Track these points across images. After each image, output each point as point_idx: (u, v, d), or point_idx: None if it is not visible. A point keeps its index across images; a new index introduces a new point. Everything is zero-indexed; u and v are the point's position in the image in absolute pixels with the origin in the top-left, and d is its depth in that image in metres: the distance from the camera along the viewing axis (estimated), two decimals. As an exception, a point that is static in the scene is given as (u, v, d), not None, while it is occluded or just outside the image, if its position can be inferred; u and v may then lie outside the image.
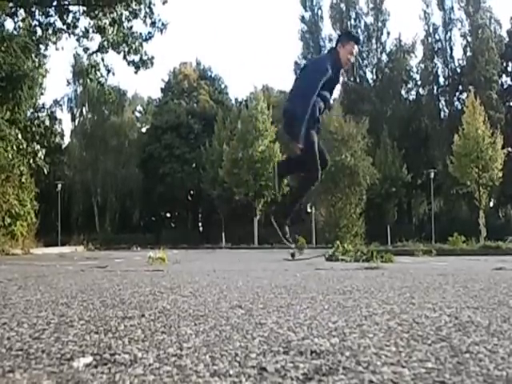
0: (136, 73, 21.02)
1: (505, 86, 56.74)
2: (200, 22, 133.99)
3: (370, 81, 60.12)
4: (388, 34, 59.74)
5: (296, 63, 59.61)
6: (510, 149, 42.32)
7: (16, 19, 20.66)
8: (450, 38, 57.71)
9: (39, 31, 20.57)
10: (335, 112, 45.26)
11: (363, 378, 1.42)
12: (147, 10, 20.53)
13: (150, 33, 20.77)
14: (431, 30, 57.76)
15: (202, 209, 66.34)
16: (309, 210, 47.94)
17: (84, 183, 60.68)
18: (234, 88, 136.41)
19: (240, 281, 4.53)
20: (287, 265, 8.88)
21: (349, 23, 59.20)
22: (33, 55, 20.28)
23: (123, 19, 20.32)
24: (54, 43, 20.84)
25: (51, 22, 20.71)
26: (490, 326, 2.18)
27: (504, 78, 57.16)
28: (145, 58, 20.80)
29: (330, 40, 59.96)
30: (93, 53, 21.14)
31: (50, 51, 21.86)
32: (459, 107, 52.40)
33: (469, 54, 55.49)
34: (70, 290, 3.77)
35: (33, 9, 20.69)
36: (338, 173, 42.95)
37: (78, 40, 20.85)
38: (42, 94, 23.39)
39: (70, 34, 20.78)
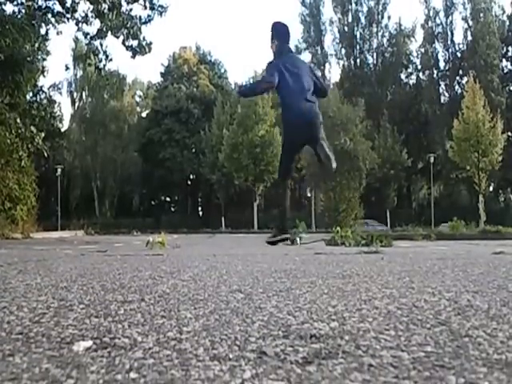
0: (133, 58, 20.92)
1: (505, 71, 56.55)
2: (200, 7, 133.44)
3: (371, 65, 59.92)
4: (389, 17, 59.56)
5: (296, 47, 59.33)
6: (509, 133, 42.31)
7: (16, 2, 20.56)
8: (451, 21, 57.50)
9: (38, 15, 20.44)
10: (332, 96, 45.12)
11: (363, 361, 1.43)
12: (147, -8, 20.42)
13: (149, 16, 20.66)
14: (432, 14, 57.51)
15: (201, 193, 66.45)
16: (308, 195, 48.04)
17: (83, 168, 60.76)
18: (234, 72, 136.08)
19: (240, 265, 4.53)
20: (287, 249, 8.89)
21: (350, 7, 58.89)
22: (32, 38, 20.18)
23: (122, 2, 20.21)
24: (54, 26, 20.74)
25: (50, 5, 20.61)
26: (489, 310, 2.19)
27: (504, 62, 56.97)
28: (143, 43, 20.69)
29: (331, 23, 59.72)
30: (92, 37, 21.03)
31: (50, 35, 21.75)
32: (459, 92, 52.29)
33: (469, 38, 55.25)
34: (69, 274, 3.78)
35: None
36: (337, 157, 42.90)
37: (77, 24, 20.73)
38: (44, 76, 23.36)
39: (68, 19, 20.66)
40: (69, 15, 20.50)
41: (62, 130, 54.97)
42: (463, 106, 41.40)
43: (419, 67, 60.04)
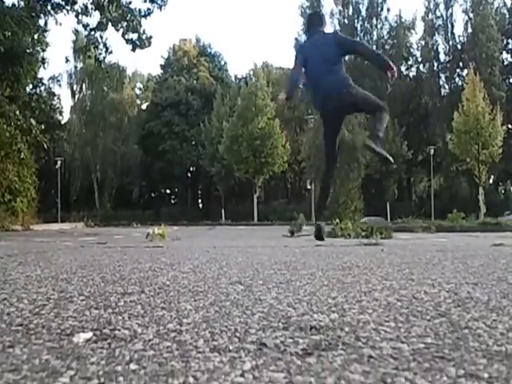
0: (133, 51, 20.87)
1: (505, 63, 56.38)
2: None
3: (371, 57, 59.63)
4: (388, 10, 59.28)
5: (296, 40, 59.12)
6: (509, 125, 42.20)
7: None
8: (452, 14, 57.24)
9: (38, 7, 20.37)
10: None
11: (362, 353, 1.43)
12: (147, -15, 20.35)
13: (149, 9, 20.59)
14: (432, 6, 57.30)
15: (201, 185, 66.38)
16: (308, 187, 48.01)
17: (83, 160, 60.65)
18: (234, 65, 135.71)
19: (240, 257, 4.53)
20: (287, 241, 8.90)
21: (350, -1, 58.66)
22: (31, 30, 20.12)
23: (122, -5, 20.14)
24: (53, 17, 20.65)
25: (50, -3, 20.53)
26: (489, 302, 2.19)
27: (505, 54, 56.80)
28: (143, 36, 20.64)
29: (332, 15, 59.51)
30: (91, 30, 20.97)
31: (50, 26, 21.69)
32: (460, 84, 52.15)
33: (470, 30, 55.06)
34: (69, 266, 3.78)
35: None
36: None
37: (76, 16, 20.65)
38: (44, 68, 23.31)
39: (68, 11, 20.59)
40: (68, 7, 20.45)
41: (62, 122, 54.88)
42: (463, 98, 41.31)
43: (419, 59, 59.84)
